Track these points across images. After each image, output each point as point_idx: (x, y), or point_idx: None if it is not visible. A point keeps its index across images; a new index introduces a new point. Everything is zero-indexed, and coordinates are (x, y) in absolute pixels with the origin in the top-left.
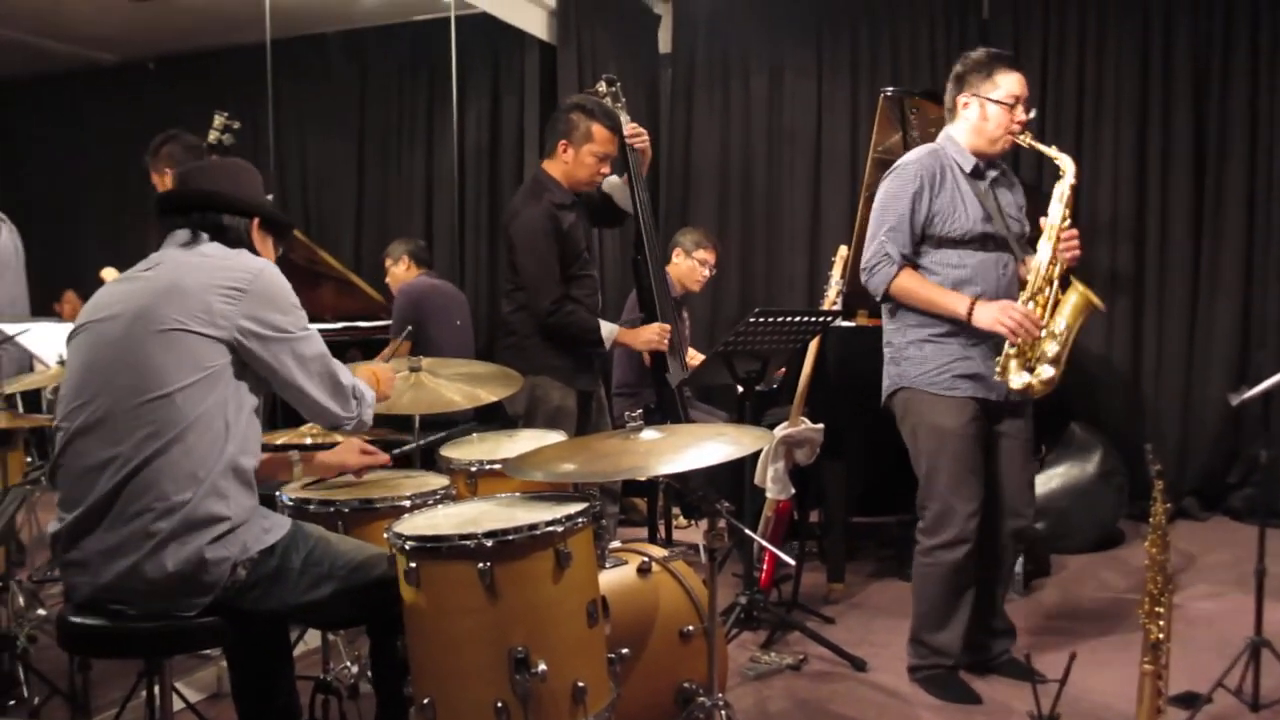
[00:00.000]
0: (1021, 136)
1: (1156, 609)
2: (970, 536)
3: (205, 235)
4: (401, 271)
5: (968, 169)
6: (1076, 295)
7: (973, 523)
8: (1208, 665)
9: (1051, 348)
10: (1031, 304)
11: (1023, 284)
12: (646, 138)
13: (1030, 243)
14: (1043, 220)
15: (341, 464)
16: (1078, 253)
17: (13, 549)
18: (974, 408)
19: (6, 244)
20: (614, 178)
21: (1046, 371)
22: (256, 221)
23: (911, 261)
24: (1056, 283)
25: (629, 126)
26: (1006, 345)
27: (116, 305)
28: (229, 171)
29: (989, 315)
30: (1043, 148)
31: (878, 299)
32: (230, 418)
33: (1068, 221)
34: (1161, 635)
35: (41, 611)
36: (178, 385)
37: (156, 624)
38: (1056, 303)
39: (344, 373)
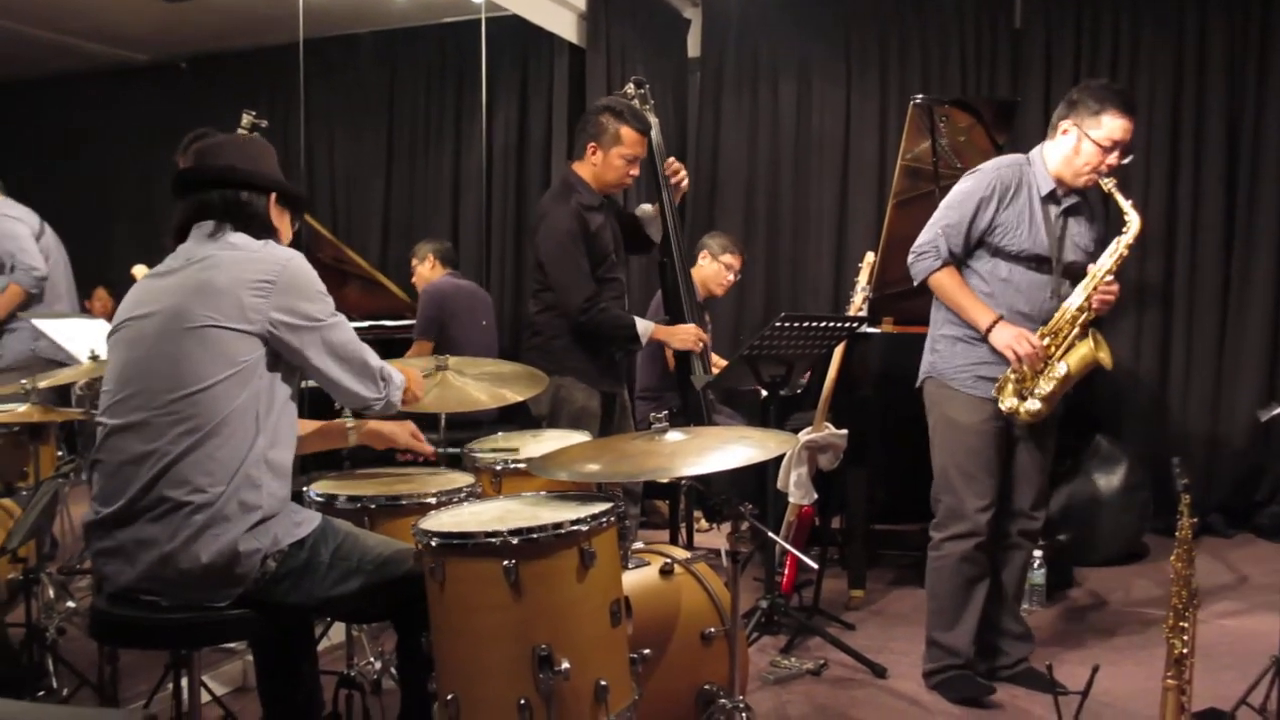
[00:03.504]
0: (1105, 180)
1: (1181, 624)
2: (981, 530)
3: (229, 225)
4: (427, 271)
5: (1044, 191)
6: (1087, 348)
7: (984, 517)
8: (1231, 683)
9: (1046, 387)
10: (1050, 338)
11: None
12: (684, 174)
13: (1081, 277)
14: (1090, 266)
15: (392, 435)
16: (1111, 300)
17: (46, 543)
18: (993, 407)
19: (50, 243)
20: (647, 205)
21: (1034, 405)
22: (274, 197)
23: (959, 261)
24: (1079, 328)
25: (669, 163)
26: (1009, 369)
27: (150, 303)
28: (244, 147)
29: (1005, 337)
30: (1120, 197)
31: (914, 284)
32: (262, 410)
33: (1111, 276)
34: (1185, 650)
35: (70, 604)
36: (212, 381)
37: (186, 615)
38: (1071, 346)
39: (371, 355)
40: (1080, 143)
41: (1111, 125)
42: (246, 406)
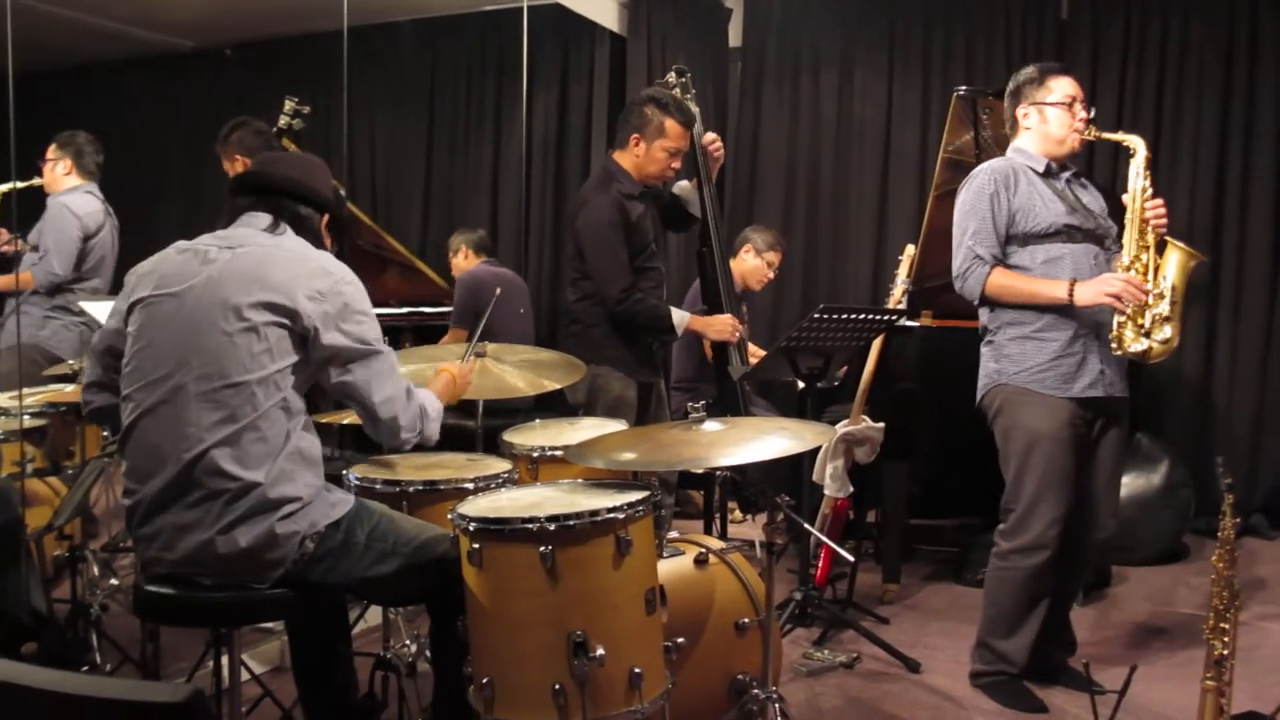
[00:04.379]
0: (1086, 131)
1: (1222, 625)
2: (1050, 545)
3: (287, 225)
4: (462, 262)
5: (1040, 169)
6: (1176, 253)
7: (1054, 530)
8: (1272, 686)
9: (1163, 307)
10: (1132, 272)
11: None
12: (721, 146)
13: (1117, 239)
14: (1124, 197)
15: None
16: (1164, 220)
17: (89, 521)
18: (1073, 410)
19: (107, 238)
20: (684, 182)
21: (1164, 331)
22: (326, 219)
23: (1001, 261)
24: (1152, 249)
25: (706, 136)
26: (1115, 316)
27: (190, 279)
28: (307, 165)
29: (1091, 291)
30: (1109, 135)
31: (975, 303)
32: (295, 405)
33: (1149, 191)
34: (1226, 652)
35: (114, 581)
36: (255, 375)
37: (226, 595)
38: (1157, 268)
39: (412, 389)
40: (1043, 113)
41: (1060, 84)
42: (287, 400)
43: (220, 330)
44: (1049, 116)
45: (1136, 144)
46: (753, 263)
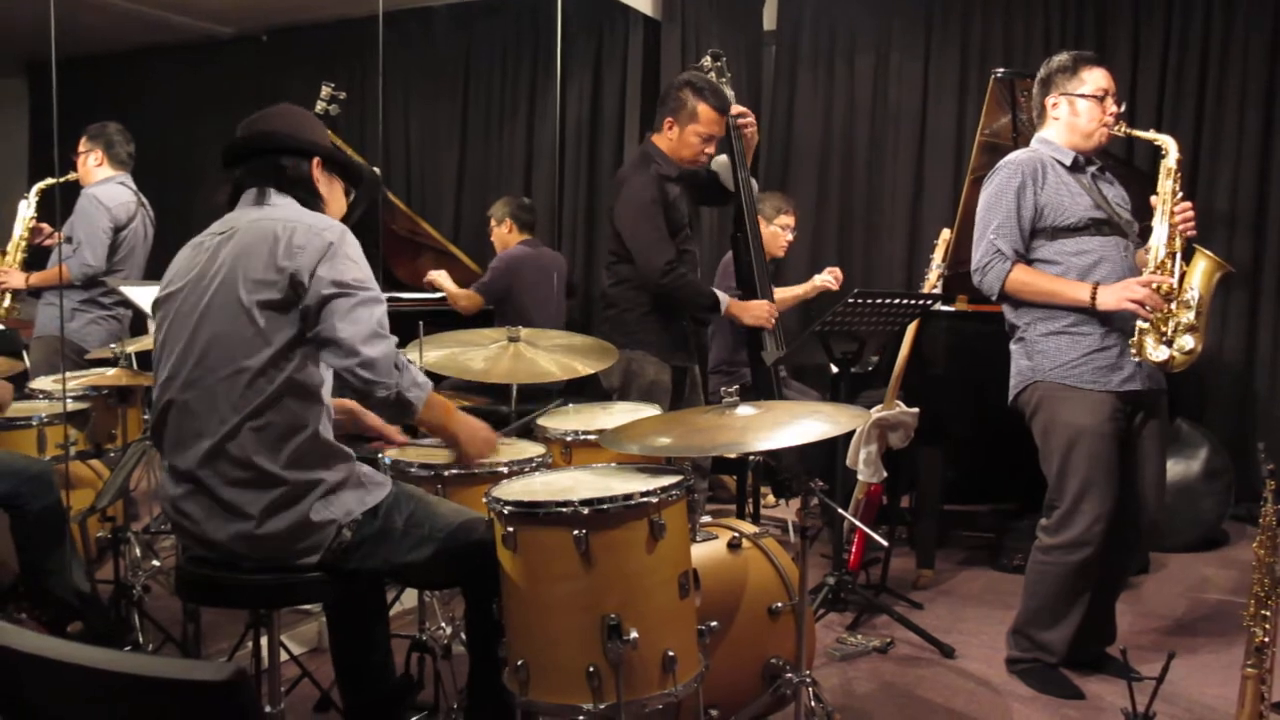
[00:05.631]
0: (1116, 127)
1: (1263, 612)
2: (1094, 541)
3: (272, 190)
4: (506, 234)
5: (1067, 163)
6: (1204, 261)
7: (1098, 527)
8: None
9: (1187, 316)
10: (1158, 277)
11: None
12: (753, 121)
13: (1141, 236)
14: (1153, 199)
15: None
16: (1193, 226)
17: (130, 503)
18: (1113, 404)
19: (139, 229)
20: (722, 157)
21: (1187, 342)
22: (317, 162)
23: (1024, 258)
24: (1179, 255)
25: (735, 109)
26: (1139, 322)
27: (194, 273)
28: (285, 115)
29: (1113, 296)
30: (1140, 133)
31: (994, 298)
32: (311, 382)
33: (1179, 195)
34: (1267, 639)
35: (155, 562)
36: (256, 361)
37: (266, 577)
38: (1183, 275)
39: (394, 343)
40: (1074, 105)
41: (1093, 76)
42: (298, 380)
43: (219, 320)
44: (1079, 109)
45: (1168, 145)
46: (767, 232)
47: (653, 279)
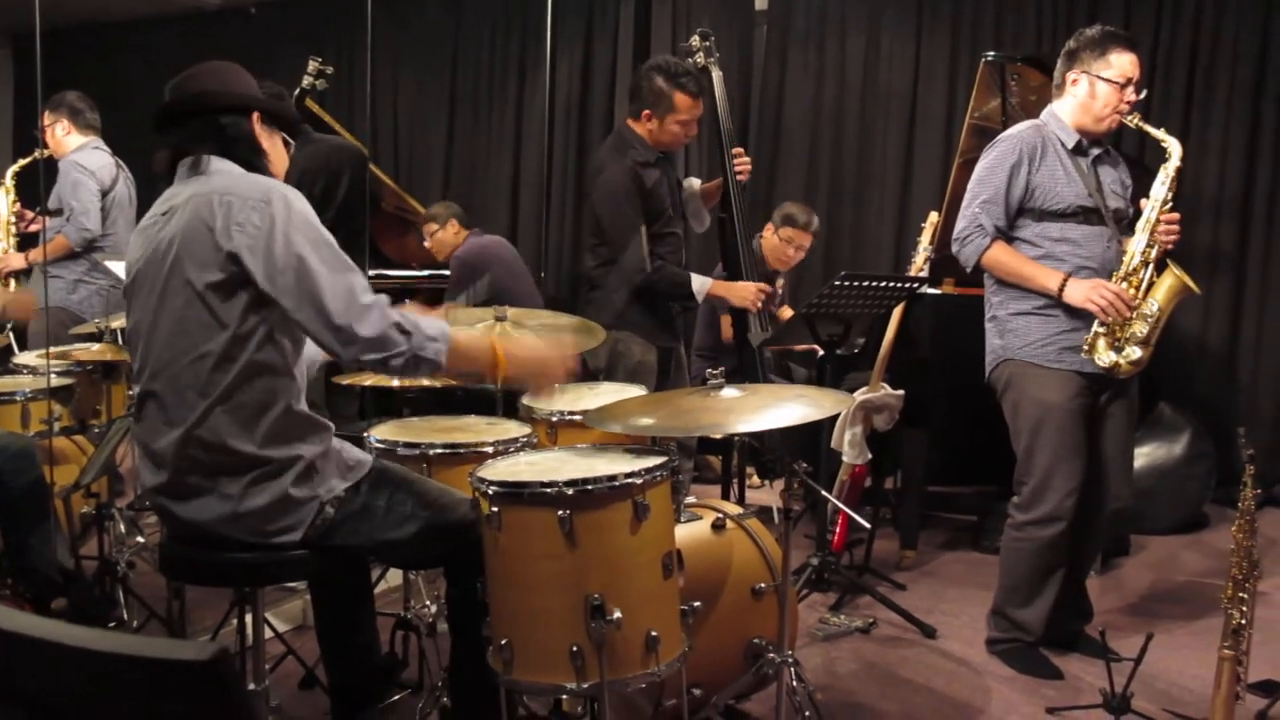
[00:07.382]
0: (1129, 117)
1: (1240, 594)
2: (1066, 515)
3: (209, 157)
4: (451, 234)
5: (1070, 145)
6: (1172, 278)
7: (1069, 501)
8: None
9: (1141, 329)
10: (1125, 284)
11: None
12: (748, 163)
13: (1131, 225)
14: (1144, 201)
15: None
16: (1176, 237)
17: (115, 479)
18: (1080, 383)
19: (123, 192)
20: (693, 180)
21: (1134, 353)
22: (256, 116)
23: (1005, 235)
24: (1152, 265)
25: (733, 153)
26: (1096, 323)
27: (145, 259)
28: (216, 71)
29: (1080, 292)
30: (1150, 129)
31: (967, 270)
32: (278, 359)
33: (1169, 205)
34: (1243, 621)
35: (140, 539)
36: (218, 341)
37: (250, 555)
38: (1151, 284)
39: (383, 306)
40: (1094, 86)
41: (1121, 61)
42: (260, 359)
43: (175, 306)
44: (1099, 92)
45: (1173, 148)
46: (769, 239)
47: (630, 276)
